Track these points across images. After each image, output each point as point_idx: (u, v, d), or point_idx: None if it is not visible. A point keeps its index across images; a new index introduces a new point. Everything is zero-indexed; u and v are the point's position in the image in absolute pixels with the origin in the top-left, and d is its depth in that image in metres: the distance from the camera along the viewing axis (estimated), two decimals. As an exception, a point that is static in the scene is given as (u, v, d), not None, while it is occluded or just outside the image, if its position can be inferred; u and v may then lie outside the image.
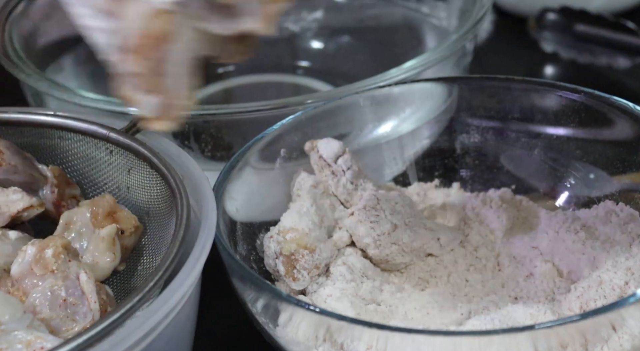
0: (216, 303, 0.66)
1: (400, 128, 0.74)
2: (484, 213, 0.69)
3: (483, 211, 0.69)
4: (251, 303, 0.59)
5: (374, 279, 0.64)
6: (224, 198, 0.64)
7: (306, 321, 0.56)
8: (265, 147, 0.68)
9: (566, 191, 0.70)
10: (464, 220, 0.69)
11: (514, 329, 0.53)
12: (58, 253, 0.56)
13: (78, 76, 0.87)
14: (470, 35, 0.77)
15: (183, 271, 0.54)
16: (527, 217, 0.69)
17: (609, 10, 0.98)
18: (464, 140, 0.73)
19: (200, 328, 0.61)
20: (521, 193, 0.71)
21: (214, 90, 0.92)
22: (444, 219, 0.70)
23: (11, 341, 0.52)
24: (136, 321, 0.51)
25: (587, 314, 0.53)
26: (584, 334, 0.54)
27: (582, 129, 0.70)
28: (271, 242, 0.64)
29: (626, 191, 0.67)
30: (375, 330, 0.54)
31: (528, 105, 0.71)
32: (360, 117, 0.72)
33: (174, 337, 0.55)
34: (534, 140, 0.72)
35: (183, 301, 0.54)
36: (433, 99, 0.74)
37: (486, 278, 0.64)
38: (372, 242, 0.64)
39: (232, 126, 0.73)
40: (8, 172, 0.64)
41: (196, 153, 0.74)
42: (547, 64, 0.97)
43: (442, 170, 0.74)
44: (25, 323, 0.53)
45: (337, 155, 0.68)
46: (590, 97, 0.68)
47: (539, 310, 0.59)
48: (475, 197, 0.71)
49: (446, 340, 0.53)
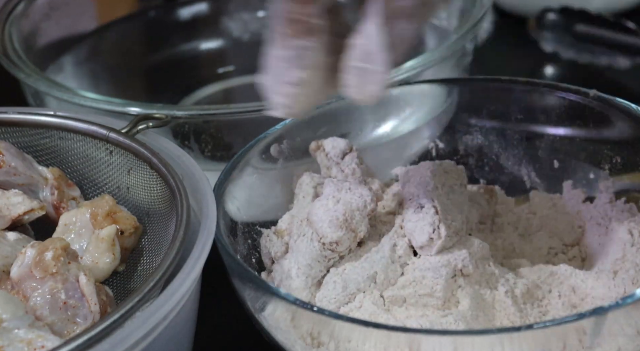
0: (216, 303, 0.66)
1: (400, 128, 0.74)
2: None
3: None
4: (251, 302, 0.59)
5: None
6: (224, 198, 0.64)
7: (306, 321, 0.56)
8: (267, 147, 0.68)
9: (566, 191, 0.70)
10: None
11: (514, 329, 0.53)
12: (58, 256, 0.56)
13: (78, 76, 0.87)
14: (470, 35, 0.77)
15: (183, 271, 0.55)
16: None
17: (609, 10, 0.98)
18: (464, 140, 0.73)
19: (200, 328, 0.61)
20: (521, 193, 0.71)
21: (214, 90, 0.92)
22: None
23: (12, 340, 0.52)
24: (136, 322, 0.51)
25: (582, 314, 0.53)
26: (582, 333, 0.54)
27: (582, 129, 0.70)
28: (267, 242, 0.64)
29: (626, 191, 0.67)
30: (375, 329, 0.54)
31: (528, 106, 0.71)
32: (361, 117, 0.72)
33: (174, 337, 0.55)
34: (534, 141, 0.72)
35: (183, 301, 0.54)
36: (433, 99, 0.74)
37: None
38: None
39: (232, 126, 0.73)
40: (8, 174, 0.64)
41: (196, 153, 0.74)
42: (547, 64, 0.97)
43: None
44: (26, 322, 0.53)
45: (344, 153, 0.68)
46: (590, 98, 0.68)
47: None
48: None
49: (446, 339, 0.53)
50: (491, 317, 0.60)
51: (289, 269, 0.61)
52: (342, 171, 0.68)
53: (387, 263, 0.61)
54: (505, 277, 0.61)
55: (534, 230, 0.68)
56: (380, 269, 0.61)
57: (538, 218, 0.68)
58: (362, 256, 0.62)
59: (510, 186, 0.72)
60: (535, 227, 0.68)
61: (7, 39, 0.82)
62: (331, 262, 0.62)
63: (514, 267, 0.64)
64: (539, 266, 0.64)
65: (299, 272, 0.61)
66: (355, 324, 0.54)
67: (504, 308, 0.60)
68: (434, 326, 0.57)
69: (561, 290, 0.61)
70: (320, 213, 0.62)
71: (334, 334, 0.55)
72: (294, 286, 0.61)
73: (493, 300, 0.60)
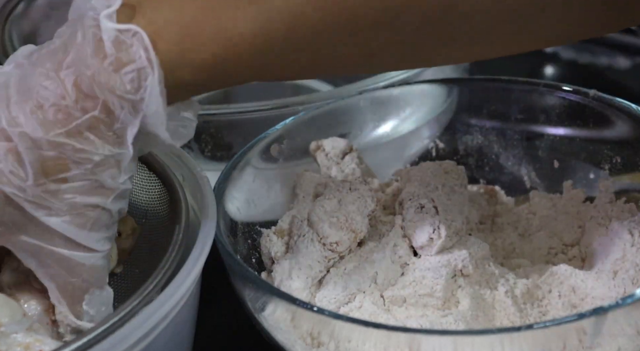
0: (216, 303, 0.66)
1: (400, 128, 0.74)
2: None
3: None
4: (251, 302, 0.59)
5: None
6: (225, 198, 0.64)
7: (306, 321, 0.56)
8: (267, 147, 0.68)
9: (566, 191, 0.70)
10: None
11: (514, 329, 0.53)
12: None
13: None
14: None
15: (183, 271, 0.54)
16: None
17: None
18: (464, 140, 0.73)
19: (200, 328, 0.61)
20: (521, 193, 0.71)
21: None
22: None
23: (10, 344, 0.52)
24: (136, 322, 0.51)
25: (582, 314, 0.53)
26: (582, 333, 0.54)
27: (582, 129, 0.70)
28: (267, 242, 0.64)
29: (626, 191, 0.67)
30: (375, 329, 0.54)
31: (528, 106, 0.71)
32: (361, 117, 0.72)
33: (174, 337, 0.55)
34: (534, 141, 0.72)
35: (183, 301, 0.54)
36: (433, 99, 0.74)
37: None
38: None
39: (232, 126, 0.73)
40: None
41: (196, 153, 0.74)
42: (547, 64, 0.97)
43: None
44: (24, 326, 0.53)
45: (344, 153, 0.68)
46: (590, 98, 0.68)
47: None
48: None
49: (446, 339, 0.53)
50: (491, 317, 0.60)
51: (289, 269, 0.61)
52: (342, 171, 0.68)
53: (387, 264, 0.61)
54: (505, 277, 0.61)
55: (534, 230, 0.68)
56: (380, 269, 0.61)
57: (538, 218, 0.68)
58: (362, 256, 0.62)
59: (510, 186, 0.72)
60: (535, 227, 0.68)
61: (7, 39, 0.82)
62: (331, 262, 0.62)
63: (514, 267, 0.64)
64: (539, 266, 0.64)
65: (299, 272, 0.61)
66: (355, 324, 0.54)
67: (504, 308, 0.60)
68: (434, 326, 0.57)
69: (561, 290, 0.61)
70: (321, 214, 0.62)
71: (334, 334, 0.55)
72: (294, 287, 0.61)
73: (493, 300, 0.60)
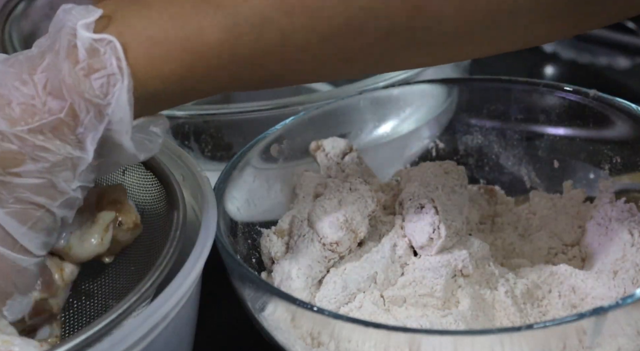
0: (216, 303, 0.66)
1: (400, 128, 0.74)
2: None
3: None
4: (251, 302, 0.59)
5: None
6: (225, 198, 0.64)
7: (306, 321, 0.56)
8: (267, 147, 0.68)
9: (566, 191, 0.70)
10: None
11: (514, 329, 0.53)
12: None
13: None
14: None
15: (183, 271, 0.54)
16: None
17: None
18: (464, 140, 0.73)
19: (200, 328, 0.61)
20: (521, 193, 0.71)
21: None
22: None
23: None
24: (136, 321, 0.51)
25: (582, 314, 0.53)
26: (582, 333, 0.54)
27: (582, 129, 0.70)
28: (267, 242, 0.64)
29: (626, 191, 0.67)
30: (375, 329, 0.54)
31: (528, 106, 0.71)
32: (361, 117, 0.72)
33: (174, 337, 0.55)
34: (534, 141, 0.72)
35: (183, 301, 0.54)
36: (433, 99, 0.74)
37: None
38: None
39: (232, 126, 0.73)
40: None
41: (196, 153, 0.74)
42: (547, 64, 0.97)
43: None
44: None
45: (344, 153, 0.68)
46: (590, 98, 0.68)
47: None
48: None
49: (446, 339, 0.53)
50: (491, 317, 0.60)
51: (289, 269, 0.61)
52: (342, 171, 0.68)
53: (387, 263, 0.61)
54: (505, 277, 0.61)
55: (534, 230, 0.68)
56: (380, 269, 0.61)
57: (538, 218, 0.68)
58: (362, 256, 0.62)
59: (510, 186, 0.72)
60: (535, 227, 0.68)
61: (7, 39, 0.82)
62: (331, 262, 0.62)
63: (514, 267, 0.64)
64: (539, 266, 0.64)
65: (299, 272, 0.61)
66: (355, 324, 0.54)
67: (504, 308, 0.60)
68: (434, 326, 0.57)
69: (561, 290, 0.61)
70: (321, 214, 0.62)
71: (334, 334, 0.55)
72: (294, 287, 0.61)
73: (493, 300, 0.60)
